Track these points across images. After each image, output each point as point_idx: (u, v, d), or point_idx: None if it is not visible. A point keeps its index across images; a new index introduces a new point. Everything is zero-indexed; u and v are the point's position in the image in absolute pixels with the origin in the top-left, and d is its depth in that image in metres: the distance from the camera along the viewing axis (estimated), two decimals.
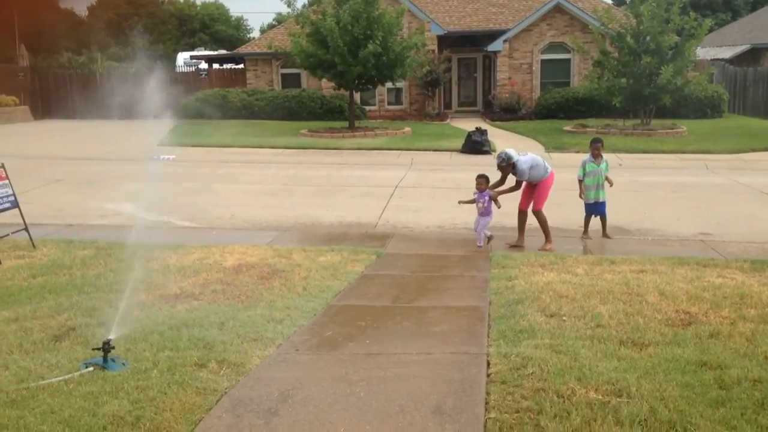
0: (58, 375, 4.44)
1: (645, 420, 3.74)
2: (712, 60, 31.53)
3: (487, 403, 4.08)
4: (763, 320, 5.60)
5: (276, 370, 4.69)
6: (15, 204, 9.06)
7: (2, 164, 9.21)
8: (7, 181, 9.04)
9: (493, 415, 3.89)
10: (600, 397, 4.05)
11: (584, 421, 3.75)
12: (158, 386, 4.25)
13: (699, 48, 24.44)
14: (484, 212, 9.25)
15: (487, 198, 9.20)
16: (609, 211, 10.14)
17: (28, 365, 4.64)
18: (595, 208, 9.96)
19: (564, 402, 3.98)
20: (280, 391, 4.30)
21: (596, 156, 10.02)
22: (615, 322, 5.59)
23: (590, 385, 4.22)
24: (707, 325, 5.48)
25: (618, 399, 4.02)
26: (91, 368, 4.56)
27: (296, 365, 4.81)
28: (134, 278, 7.26)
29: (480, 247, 9.13)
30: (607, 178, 10.04)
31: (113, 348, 4.68)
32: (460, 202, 9.81)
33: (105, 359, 4.63)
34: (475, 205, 9.37)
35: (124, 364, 4.68)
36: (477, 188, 9.31)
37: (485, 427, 3.77)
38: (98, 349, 4.62)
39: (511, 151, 9.17)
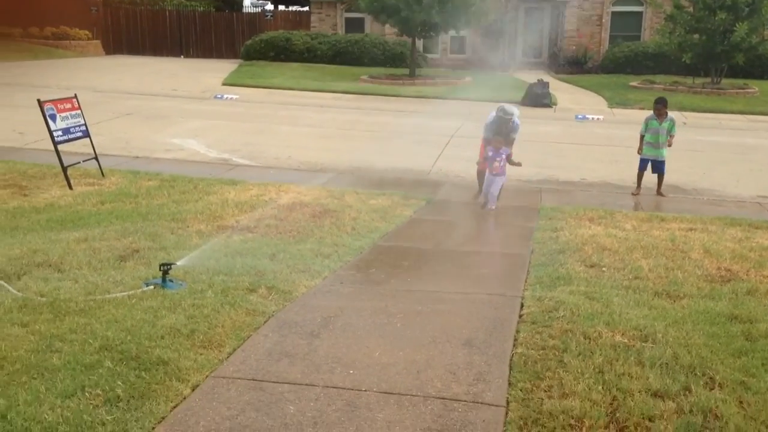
0: (122, 290, 4.84)
1: (666, 364, 3.90)
2: None
3: (515, 340, 4.29)
4: None
5: (320, 299, 4.99)
6: (86, 134, 9.54)
7: (75, 95, 9.68)
8: (79, 111, 9.51)
9: (519, 350, 4.11)
10: (626, 340, 4.22)
11: (606, 360, 3.93)
12: (212, 305, 4.60)
13: None
14: (501, 171, 8.55)
15: (504, 156, 8.56)
16: (668, 169, 10.04)
17: (96, 280, 5.05)
18: (654, 166, 9.87)
19: (589, 343, 4.16)
20: (322, 317, 4.60)
21: (659, 115, 9.85)
22: (654, 275, 5.69)
23: (617, 329, 4.38)
24: (746, 282, 5.53)
25: (643, 344, 4.18)
26: (152, 287, 4.94)
27: (339, 296, 5.10)
28: (195, 209, 7.67)
29: (492, 209, 8.45)
30: (670, 138, 9.85)
31: (170, 269, 5.04)
32: (478, 163, 9.11)
33: (164, 279, 5.00)
34: (486, 163, 8.61)
35: (181, 284, 5.05)
36: (494, 146, 8.55)
37: (511, 360, 4.00)
38: (165, 264, 4.99)
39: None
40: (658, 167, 9.88)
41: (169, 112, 16.46)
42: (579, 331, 4.32)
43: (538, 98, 19.00)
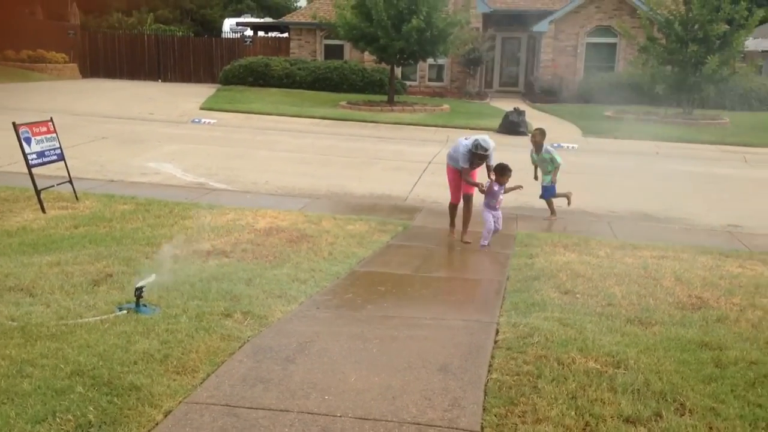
0: (95, 315, 4.79)
1: (638, 390, 3.95)
2: (763, 52, 30.84)
3: (490, 365, 4.32)
4: None
5: (296, 324, 4.98)
6: (61, 157, 9.48)
7: (51, 118, 9.63)
8: (54, 135, 9.45)
9: (494, 376, 4.13)
10: (598, 366, 4.26)
11: (579, 386, 3.97)
12: (186, 330, 4.57)
13: (750, 39, 23.98)
14: (497, 206, 8.25)
15: (502, 191, 8.27)
16: (639, 198, 10.20)
17: (68, 305, 5.00)
18: (543, 191, 10.19)
19: (563, 369, 4.20)
20: (298, 342, 4.59)
21: (535, 146, 10.24)
22: (626, 302, 5.76)
23: (591, 355, 4.43)
24: (716, 310, 5.62)
25: (615, 369, 4.23)
26: (125, 311, 4.90)
27: (315, 321, 5.09)
28: (170, 234, 7.63)
29: (485, 246, 8.08)
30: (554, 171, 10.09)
31: (143, 294, 5.01)
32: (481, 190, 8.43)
33: (137, 304, 4.96)
34: (487, 195, 8.20)
35: (155, 309, 5.01)
36: (498, 181, 8.15)
37: (486, 385, 4.02)
38: (139, 286, 4.96)
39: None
40: (544, 193, 10.20)
41: (145, 136, 16.41)
42: (553, 357, 4.36)
43: (513, 126, 19.24)
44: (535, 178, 10.30)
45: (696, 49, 20.83)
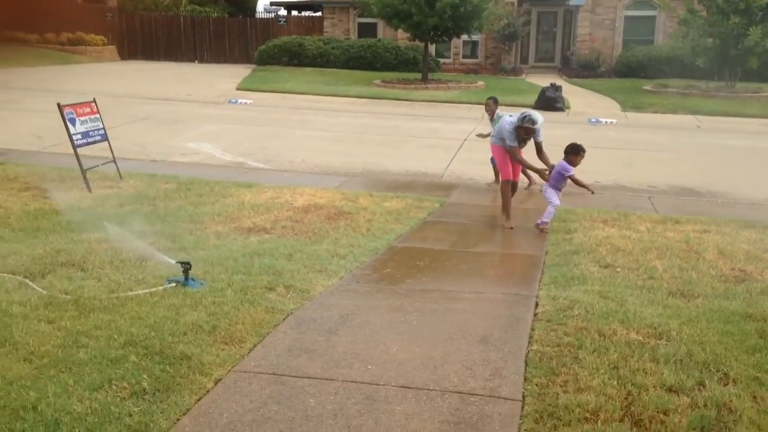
0: (144, 288, 4.95)
1: (680, 360, 3.95)
2: None
3: (530, 337, 4.36)
4: None
5: (337, 298, 5.08)
6: (105, 137, 9.68)
7: (93, 99, 9.83)
8: (98, 115, 9.65)
9: (535, 347, 4.17)
10: (640, 338, 4.27)
11: (621, 356, 3.99)
12: (232, 303, 4.70)
13: None
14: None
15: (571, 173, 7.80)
16: (680, 172, 10.07)
17: (118, 279, 5.16)
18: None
19: (604, 340, 4.22)
20: (340, 315, 4.68)
21: (489, 115, 10.29)
22: (668, 276, 5.73)
23: (632, 327, 4.44)
24: (760, 282, 5.56)
25: (657, 341, 4.24)
26: (173, 284, 5.04)
27: (356, 295, 5.18)
28: (212, 211, 7.78)
29: (545, 224, 7.72)
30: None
31: (190, 267, 5.15)
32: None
33: (186, 278, 5.10)
34: (553, 178, 7.82)
35: (202, 283, 5.15)
36: (572, 162, 7.66)
37: (527, 356, 4.06)
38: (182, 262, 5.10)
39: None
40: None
41: (184, 117, 16.63)
42: (594, 329, 4.38)
43: (550, 102, 19.02)
44: (479, 136, 10.64)
45: (738, 21, 20.28)
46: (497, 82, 24.77)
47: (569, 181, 7.80)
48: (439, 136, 14.79)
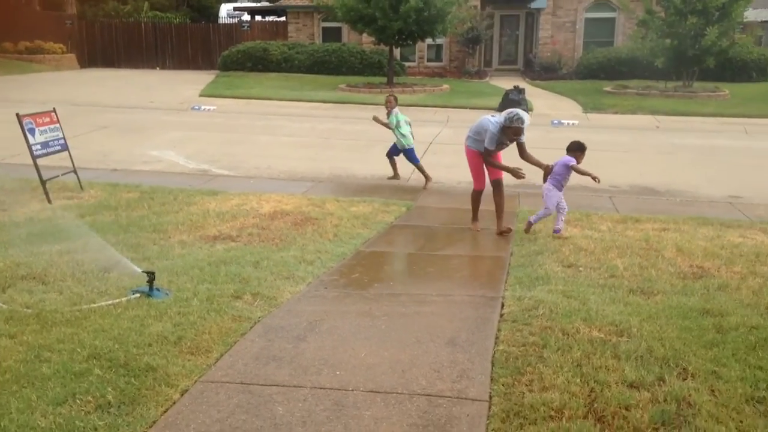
0: (107, 300, 4.89)
1: (641, 356, 4.05)
2: (762, 22, 30.67)
3: (497, 338, 4.42)
4: None
5: (305, 304, 5.08)
6: (65, 147, 9.54)
7: (53, 109, 9.69)
8: (58, 125, 9.51)
9: (501, 347, 4.23)
10: (602, 335, 4.36)
11: (584, 354, 4.07)
12: (198, 312, 4.67)
13: (750, 9, 23.85)
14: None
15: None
16: (642, 171, 10.26)
17: (80, 291, 5.10)
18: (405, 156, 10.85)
19: (568, 338, 4.30)
20: (308, 321, 4.69)
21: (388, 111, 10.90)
22: (629, 274, 5.85)
23: (594, 325, 4.53)
24: (717, 278, 5.71)
25: (619, 338, 4.33)
26: (137, 295, 5.00)
27: (324, 301, 5.19)
28: (176, 220, 7.72)
29: (533, 222, 7.66)
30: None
31: (154, 277, 5.11)
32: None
33: (150, 288, 5.06)
34: (555, 174, 7.61)
35: (167, 293, 5.11)
36: (577, 159, 7.54)
37: (493, 356, 4.12)
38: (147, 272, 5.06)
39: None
40: (407, 156, 10.78)
41: (146, 125, 16.45)
42: (558, 328, 4.46)
43: (514, 104, 19.18)
44: (374, 119, 11.31)
45: (695, 21, 20.75)
46: (462, 84, 24.95)
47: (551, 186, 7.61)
48: None
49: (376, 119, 11.20)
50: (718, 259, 6.33)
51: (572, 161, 7.48)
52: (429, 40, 25.29)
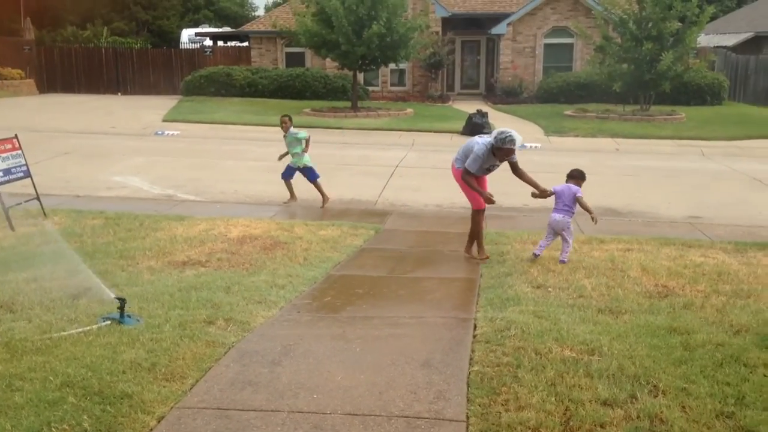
0: (77, 328, 4.82)
1: (613, 374, 4.14)
2: (715, 47, 31.69)
3: (471, 358, 4.47)
4: (736, 294, 5.97)
5: (279, 329, 5.07)
6: (27, 174, 9.40)
7: (15, 135, 9.55)
8: (20, 151, 9.37)
9: (476, 368, 4.28)
10: (574, 354, 4.45)
11: (557, 373, 4.14)
12: (171, 339, 4.63)
13: (702, 35, 24.61)
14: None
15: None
16: (602, 194, 10.48)
17: (50, 319, 5.02)
18: (303, 174, 11.01)
19: (541, 358, 4.37)
20: (282, 345, 4.68)
21: (283, 128, 11.24)
22: (596, 294, 5.97)
23: (566, 344, 4.61)
24: (682, 297, 5.86)
25: (590, 357, 4.42)
26: (108, 322, 4.94)
27: (297, 325, 5.19)
28: (143, 246, 7.64)
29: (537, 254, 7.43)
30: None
31: (125, 304, 5.05)
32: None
33: (121, 315, 5.00)
34: (562, 199, 7.51)
35: (138, 320, 5.06)
36: (579, 185, 7.56)
37: (468, 377, 4.17)
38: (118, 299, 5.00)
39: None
40: (306, 175, 11.00)
41: (109, 150, 16.26)
42: (530, 348, 4.53)
43: (477, 128, 19.46)
44: (279, 158, 11.46)
45: (650, 47, 21.32)
46: (425, 108, 25.21)
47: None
48: (371, 164, 14.95)
49: (280, 158, 11.50)
50: (681, 279, 6.50)
51: (580, 192, 7.41)
52: (392, 65, 25.55)
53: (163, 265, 6.87)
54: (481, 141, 7.25)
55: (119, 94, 31.85)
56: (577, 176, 7.62)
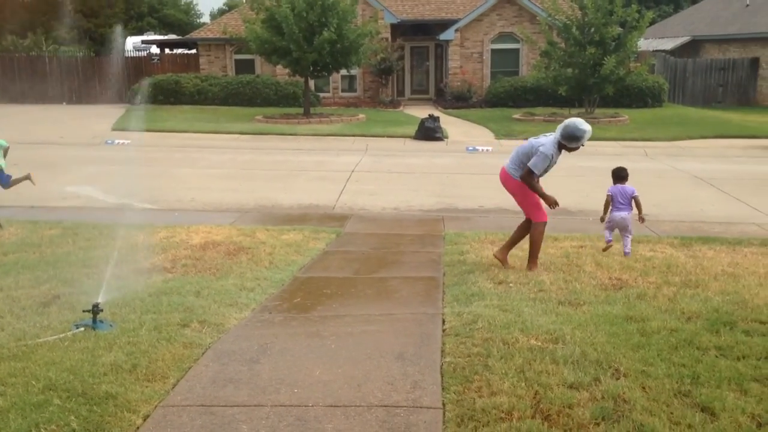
0: (52, 334, 4.84)
1: (577, 360, 4.38)
2: (654, 51, 32.80)
3: (442, 350, 4.67)
4: (685, 285, 6.32)
5: (253, 329, 5.18)
6: None
7: None
8: None
9: (448, 359, 4.48)
10: (539, 343, 4.68)
11: (526, 361, 4.37)
12: (148, 341, 4.70)
13: (642, 39, 25.50)
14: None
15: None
16: (553, 194, 10.74)
17: (22, 327, 5.02)
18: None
19: (509, 348, 4.60)
20: (258, 344, 4.80)
21: None
22: (555, 287, 6.24)
23: (531, 334, 4.85)
24: (636, 288, 6.18)
25: (554, 345, 4.66)
26: (82, 329, 4.97)
27: (271, 325, 5.31)
28: (104, 255, 7.62)
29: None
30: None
31: (101, 311, 5.09)
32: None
33: (94, 320, 5.04)
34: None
35: (111, 325, 5.10)
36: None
37: (441, 368, 4.36)
38: (88, 311, 5.02)
39: None
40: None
41: (58, 160, 15.99)
42: (498, 339, 4.75)
43: (430, 132, 19.82)
44: None
45: (594, 52, 22.00)
46: (377, 114, 25.46)
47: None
48: (326, 169, 15.08)
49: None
50: (634, 272, 6.83)
51: (636, 192, 7.88)
52: (343, 71, 25.72)
53: (129, 272, 6.87)
54: (545, 139, 6.75)
55: (64, 103, 31.24)
56: (624, 176, 8.05)
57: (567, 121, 6.77)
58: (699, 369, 4.27)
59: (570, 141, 6.66)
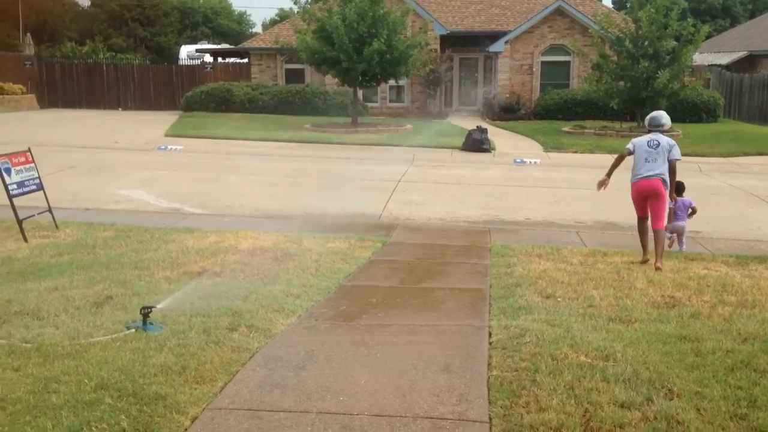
0: (104, 334, 4.95)
1: (628, 379, 4.29)
2: (709, 66, 32.11)
3: (489, 364, 4.62)
4: (741, 305, 6.14)
5: (300, 335, 5.21)
6: (40, 186, 9.53)
7: (29, 149, 9.69)
8: (33, 164, 9.51)
9: (495, 372, 4.43)
10: (589, 360, 4.59)
11: (575, 377, 4.29)
12: (197, 344, 4.77)
13: (697, 54, 24.97)
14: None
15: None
16: (603, 209, 10.64)
17: (76, 326, 5.15)
18: None
19: (557, 363, 4.52)
20: (305, 351, 4.82)
21: None
22: (605, 303, 6.13)
23: (581, 350, 4.76)
24: (690, 307, 6.02)
25: (605, 362, 4.57)
26: (133, 330, 5.06)
27: (317, 332, 5.33)
28: (156, 257, 7.77)
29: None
30: None
31: (150, 311, 5.19)
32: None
33: (144, 322, 5.13)
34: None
35: (161, 327, 5.19)
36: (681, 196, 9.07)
37: (488, 381, 4.31)
38: (147, 308, 5.13)
39: None
40: None
41: (113, 165, 16.40)
42: (546, 354, 4.67)
43: (477, 143, 19.72)
44: None
45: (647, 65, 21.64)
46: (425, 124, 25.46)
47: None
48: (373, 178, 15.11)
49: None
50: (687, 290, 6.66)
51: (693, 203, 9.02)
52: (391, 82, 25.82)
53: (179, 275, 6.99)
54: (661, 136, 8.49)
55: (120, 109, 32.08)
56: (683, 189, 9.08)
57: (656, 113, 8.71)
58: (756, 392, 4.13)
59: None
